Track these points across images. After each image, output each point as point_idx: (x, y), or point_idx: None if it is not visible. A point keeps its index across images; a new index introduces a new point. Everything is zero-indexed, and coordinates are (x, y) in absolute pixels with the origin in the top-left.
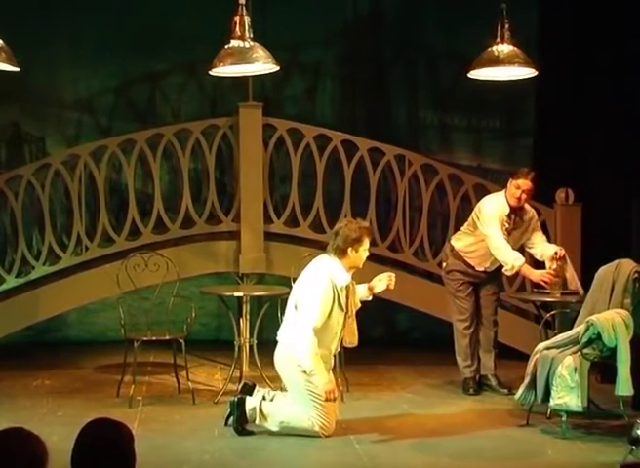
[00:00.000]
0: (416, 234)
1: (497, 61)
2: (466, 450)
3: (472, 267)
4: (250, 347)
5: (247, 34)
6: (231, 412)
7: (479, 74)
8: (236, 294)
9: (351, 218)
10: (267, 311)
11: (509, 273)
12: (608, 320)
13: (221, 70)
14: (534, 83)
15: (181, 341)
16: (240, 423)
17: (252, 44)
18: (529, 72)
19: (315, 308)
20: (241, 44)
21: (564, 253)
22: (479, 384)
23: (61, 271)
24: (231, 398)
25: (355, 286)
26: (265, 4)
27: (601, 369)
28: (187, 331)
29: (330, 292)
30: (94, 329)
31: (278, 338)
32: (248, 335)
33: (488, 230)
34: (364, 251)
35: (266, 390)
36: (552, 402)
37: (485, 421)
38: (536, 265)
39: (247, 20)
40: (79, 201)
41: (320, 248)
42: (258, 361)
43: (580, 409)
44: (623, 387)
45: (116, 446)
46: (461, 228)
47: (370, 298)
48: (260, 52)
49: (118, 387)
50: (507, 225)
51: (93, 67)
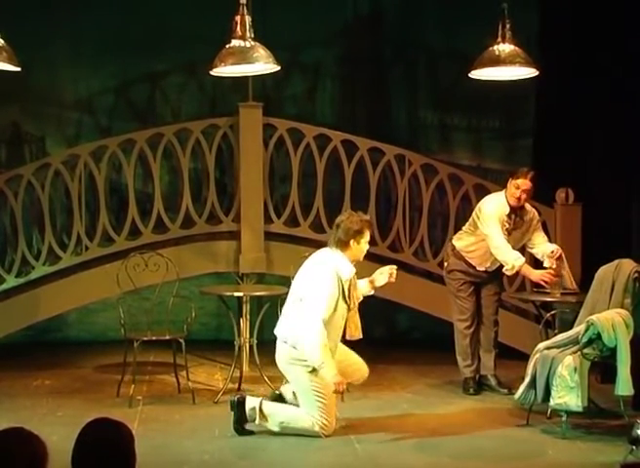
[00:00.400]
0: (416, 234)
1: (498, 61)
2: (467, 450)
3: (473, 267)
4: (250, 347)
5: (248, 34)
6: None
7: (480, 74)
8: (236, 294)
9: (352, 211)
10: (267, 311)
11: (509, 273)
12: (608, 320)
13: (222, 70)
14: (534, 83)
15: (181, 341)
16: (240, 423)
17: (253, 44)
18: (530, 72)
19: (323, 301)
20: (242, 44)
21: (560, 253)
22: (479, 384)
23: (61, 271)
24: (231, 398)
25: (357, 280)
26: (266, 4)
27: (601, 368)
28: (187, 330)
29: (336, 285)
30: (94, 328)
31: (277, 335)
32: (248, 335)
33: (488, 230)
34: (365, 243)
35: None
36: (552, 402)
37: (485, 421)
38: (536, 265)
39: (248, 20)
40: (79, 201)
41: (320, 247)
42: (258, 361)
43: (580, 409)
44: (623, 387)
45: (116, 445)
46: (462, 228)
47: (372, 292)
48: (261, 51)
49: (118, 387)
50: (508, 225)
51: (93, 67)
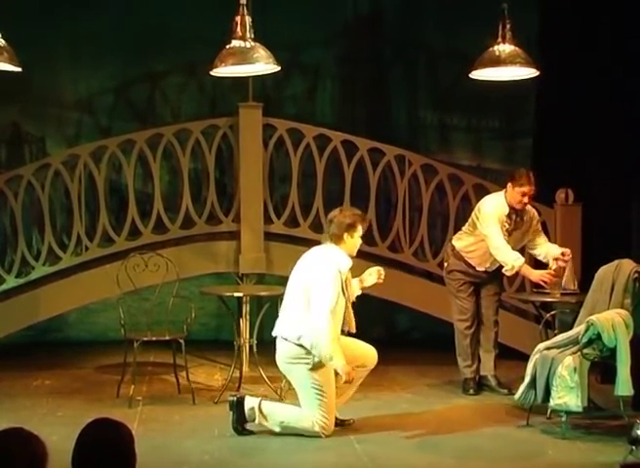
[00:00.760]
0: (416, 234)
1: (498, 61)
2: (466, 450)
3: (473, 267)
4: (250, 347)
5: (248, 34)
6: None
7: (480, 74)
8: (236, 295)
9: (345, 207)
10: (267, 311)
11: (509, 273)
12: (608, 320)
13: (223, 70)
14: (534, 83)
15: (181, 341)
16: (240, 423)
17: (253, 44)
18: (530, 72)
19: (328, 295)
20: (242, 44)
21: (570, 257)
22: (479, 384)
23: (61, 271)
24: (230, 398)
25: (350, 277)
26: (266, 4)
27: (601, 369)
28: (187, 331)
29: (338, 279)
30: (94, 329)
31: (276, 334)
32: (248, 335)
33: (487, 230)
34: (359, 237)
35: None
36: (552, 402)
37: (485, 421)
38: (537, 266)
39: (248, 21)
40: (79, 201)
41: None
42: (257, 361)
43: (580, 410)
44: (623, 387)
45: (116, 446)
46: (462, 228)
47: (360, 292)
48: (262, 52)
49: (118, 387)
50: (508, 225)
51: (93, 68)
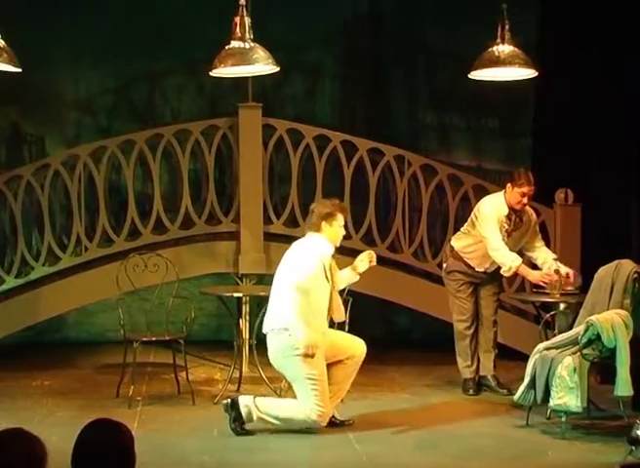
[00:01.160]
0: (415, 235)
1: (497, 62)
2: (466, 450)
3: (472, 268)
4: (249, 347)
5: (247, 35)
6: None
7: (480, 75)
8: (236, 295)
9: (326, 199)
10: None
11: (507, 274)
12: (607, 320)
13: (222, 71)
14: (533, 83)
15: (181, 342)
16: (238, 423)
17: (252, 45)
18: (529, 73)
19: (302, 272)
20: (241, 45)
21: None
22: (479, 385)
23: (61, 272)
24: (223, 402)
25: (335, 265)
26: (266, 4)
27: (601, 369)
28: (187, 331)
29: (318, 263)
30: (93, 329)
31: (266, 331)
32: (247, 336)
33: (486, 232)
34: (339, 226)
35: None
36: (552, 402)
37: (485, 422)
38: (534, 268)
39: (247, 21)
40: (79, 201)
41: None
42: (257, 361)
43: (580, 410)
44: (623, 388)
45: (116, 446)
46: (461, 229)
47: (357, 278)
48: (261, 53)
49: (118, 388)
50: (507, 226)
51: (93, 68)
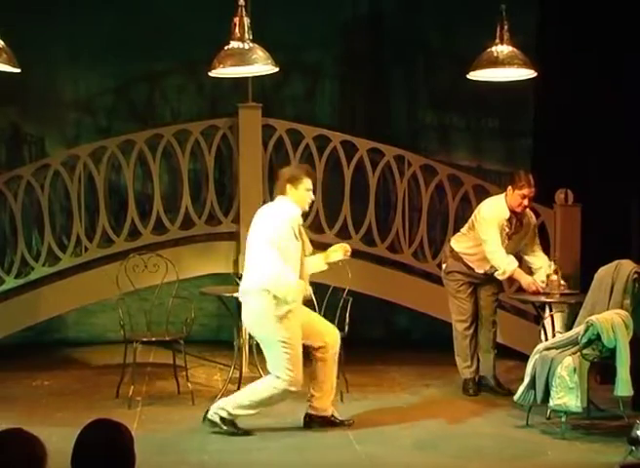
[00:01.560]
0: (415, 235)
1: (496, 63)
2: (466, 450)
3: (472, 269)
4: (249, 347)
5: (246, 36)
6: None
7: (478, 75)
8: (235, 295)
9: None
10: None
11: (501, 277)
12: (607, 320)
13: (221, 71)
14: (533, 83)
15: (181, 342)
16: (231, 425)
17: (251, 45)
18: (528, 73)
19: (271, 229)
20: (240, 45)
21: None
22: (478, 385)
23: (61, 272)
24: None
25: (304, 231)
26: (266, 4)
27: (600, 369)
28: (187, 331)
29: (286, 222)
30: (93, 329)
31: (242, 293)
32: (247, 336)
33: (485, 234)
34: (305, 190)
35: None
36: (552, 402)
37: (484, 422)
38: (529, 273)
39: (246, 22)
40: (78, 202)
41: (320, 248)
42: (257, 361)
43: (580, 410)
44: (623, 388)
45: (116, 446)
46: (461, 230)
47: (325, 267)
48: (260, 53)
49: (117, 388)
50: (508, 230)
51: (92, 68)
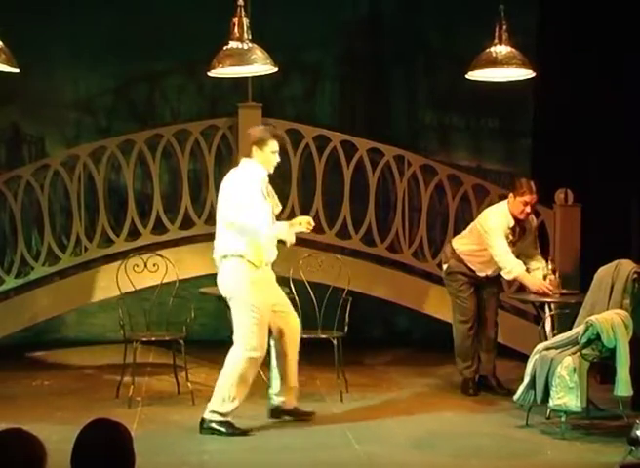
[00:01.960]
0: (415, 235)
1: (494, 63)
2: (465, 450)
3: (473, 271)
4: None
5: (245, 36)
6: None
7: (477, 75)
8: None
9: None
10: None
11: (507, 277)
12: (607, 320)
13: (220, 71)
14: (533, 83)
15: (181, 342)
16: (230, 428)
17: (250, 45)
18: (527, 73)
19: (241, 193)
20: (240, 45)
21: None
22: (478, 385)
23: (61, 272)
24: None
25: (272, 191)
26: (266, 5)
27: (600, 369)
28: (187, 331)
29: (252, 183)
30: (93, 329)
31: (217, 258)
32: None
33: (493, 242)
34: (271, 152)
35: None
36: (551, 402)
37: (484, 421)
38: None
39: (245, 22)
40: (78, 201)
41: (320, 248)
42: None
43: (580, 410)
44: (623, 388)
45: (115, 446)
46: (463, 233)
47: (291, 239)
48: (259, 53)
49: (117, 388)
50: (512, 237)
51: (92, 67)
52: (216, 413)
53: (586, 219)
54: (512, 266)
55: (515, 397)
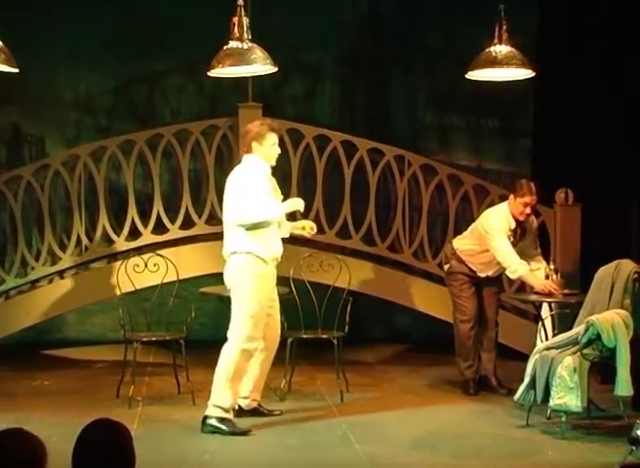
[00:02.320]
0: (415, 234)
1: (494, 62)
2: (466, 450)
3: (474, 272)
4: None
5: (245, 35)
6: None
7: (477, 75)
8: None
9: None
10: None
11: (512, 276)
12: (607, 320)
13: (220, 71)
14: (533, 83)
15: (181, 342)
16: (231, 426)
17: (250, 45)
18: (527, 73)
19: (246, 188)
20: (239, 45)
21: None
22: (479, 384)
23: (61, 271)
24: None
25: (276, 185)
26: (266, 5)
27: (601, 369)
28: (187, 331)
29: (254, 176)
30: (93, 329)
31: (226, 254)
32: None
33: (496, 245)
34: (271, 146)
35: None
36: (552, 402)
37: (485, 421)
38: None
39: (245, 22)
40: (79, 201)
41: (320, 248)
42: None
43: (580, 410)
44: (623, 388)
45: (116, 446)
46: (464, 233)
47: (287, 235)
48: (259, 53)
49: (118, 388)
50: (513, 238)
51: (92, 67)
52: (218, 408)
53: (586, 219)
54: (517, 266)
55: (515, 397)
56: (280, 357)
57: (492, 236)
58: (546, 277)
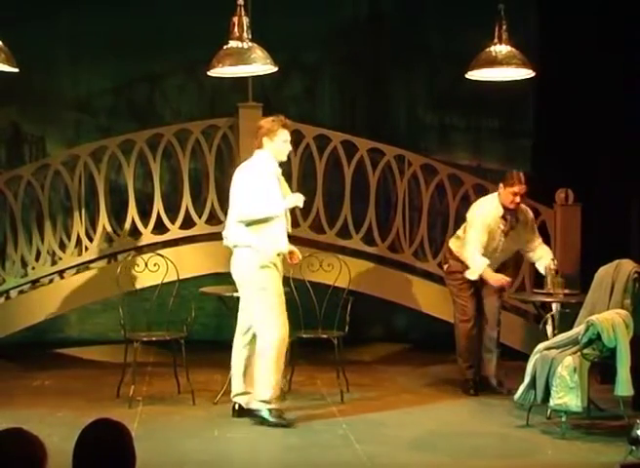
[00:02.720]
0: (415, 234)
1: (494, 62)
2: (466, 450)
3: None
4: None
5: (245, 35)
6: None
7: (477, 75)
8: (236, 295)
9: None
10: None
11: (472, 277)
12: (608, 320)
13: (220, 71)
14: (533, 83)
15: (181, 341)
16: (278, 418)
17: (250, 45)
18: (526, 73)
19: (253, 183)
20: (239, 45)
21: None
22: (479, 385)
23: (61, 271)
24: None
25: (284, 181)
26: (266, 4)
27: (601, 369)
28: (187, 331)
29: (262, 172)
30: (93, 329)
31: (230, 246)
32: None
33: (471, 235)
34: (282, 142)
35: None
36: (552, 402)
37: (485, 421)
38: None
39: (245, 21)
40: (79, 201)
41: (320, 248)
42: None
43: (580, 410)
44: (623, 387)
45: (116, 446)
46: (457, 233)
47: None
48: (259, 52)
49: (118, 387)
50: (503, 226)
51: (92, 68)
52: (263, 402)
53: (586, 219)
54: (478, 266)
55: (516, 397)
56: None
57: (471, 226)
58: (546, 273)
